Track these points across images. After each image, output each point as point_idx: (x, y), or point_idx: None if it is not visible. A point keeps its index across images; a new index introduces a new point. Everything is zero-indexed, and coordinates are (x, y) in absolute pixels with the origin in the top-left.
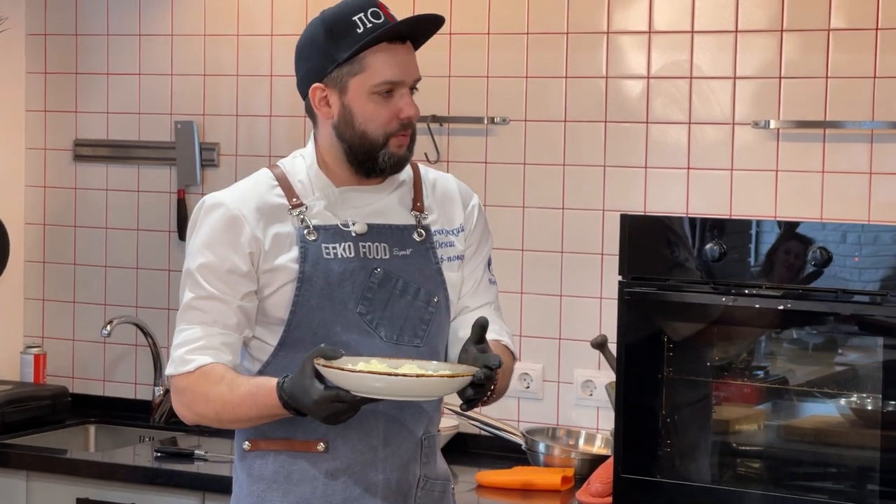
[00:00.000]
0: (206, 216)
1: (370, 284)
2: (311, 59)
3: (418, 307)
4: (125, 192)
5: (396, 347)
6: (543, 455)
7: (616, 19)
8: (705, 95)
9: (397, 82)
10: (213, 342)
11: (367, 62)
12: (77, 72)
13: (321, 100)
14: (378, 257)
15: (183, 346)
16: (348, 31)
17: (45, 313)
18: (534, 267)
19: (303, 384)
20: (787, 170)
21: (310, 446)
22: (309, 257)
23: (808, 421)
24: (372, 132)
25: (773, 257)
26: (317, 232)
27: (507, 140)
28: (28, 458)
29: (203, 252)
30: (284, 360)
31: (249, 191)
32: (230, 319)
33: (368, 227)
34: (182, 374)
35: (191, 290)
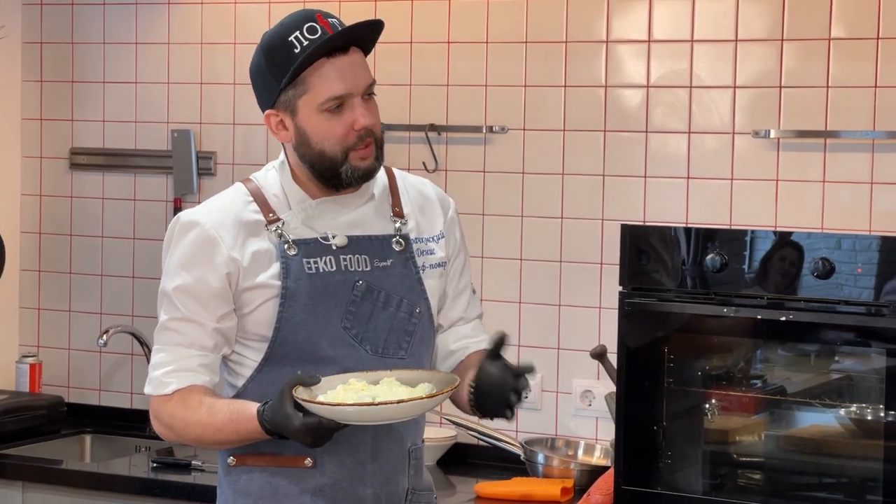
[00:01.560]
0: (181, 235)
1: (353, 298)
2: (260, 87)
3: (401, 319)
4: (121, 201)
5: (381, 360)
6: (542, 466)
7: (615, 28)
8: (705, 104)
9: (344, 95)
10: (190, 364)
11: (309, 81)
12: (73, 80)
13: (277, 124)
14: (359, 269)
15: (160, 368)
16: (285, 53)
17: (41, 322)
18: (532, 276)
19: (284, 412)
20: (787, 179)
21: (297, 461)
22: (291, 273)
23: (808, 431)
24: (329, 149)
25: (774, 267)
26: (297, 246)
27: (506, 149)
28: (24, 469)
29: (179, 273)
30: (270, 375)
31: (225, 208)
32: (207, 342)
33: (349, 240)
34: (160, 396)
35: (166, 312)
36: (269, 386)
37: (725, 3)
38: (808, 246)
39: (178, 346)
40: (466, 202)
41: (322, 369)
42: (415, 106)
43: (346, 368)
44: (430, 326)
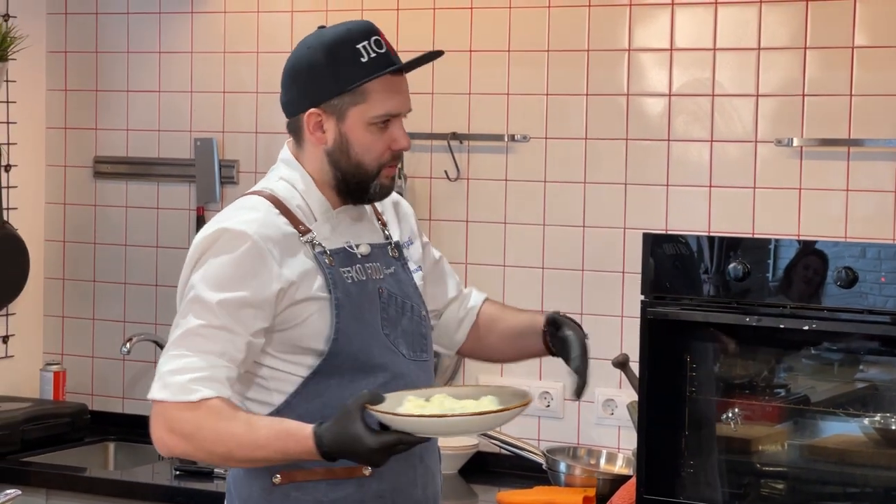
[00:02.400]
0: (229, 245)
1: (382, 304)
2: (310, 84)
3: (416, 322)
4: (144, 210)
5: (415, 363)
6: (564, 475)
7: (637, 37)
8: (727, 113)
9: (394, 114)
10: (219, 374)
11: (369, 93)
12: (97, 89)
13: (315, 125)
14: (379, 277)
15: (184, 373)
16: (353, 59)
17: (65, 330)
18: (554, 285)
19: (353, 433)
20: (810, 188)
21: (355, 471)
22: (337, 283)
23: (832, 441)
24: (368, 163)
25: (797, 276)
26: (332, 256)
27: (528, 157)
28: (48, 476)
29: (224, 282)
30: (317, 388)
31: (267, 221)
32: (238, 354)
33: (370, 248)
34: (182, 402)
35: (199, 317)
36: (314, 400)
37: (748, 12)
38: (831, 255)
39: (208, 353)
40: (488, 211)
41: (372, 378)
42: (437, 114)
43: (395, 374)
44: (430, 328)
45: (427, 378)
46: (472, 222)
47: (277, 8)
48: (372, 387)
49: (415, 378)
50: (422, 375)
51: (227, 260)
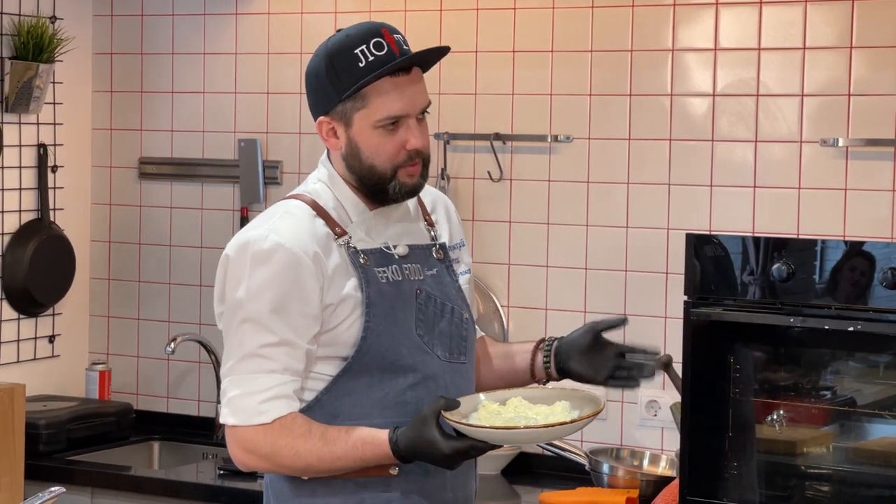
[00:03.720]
0: (262, 261)
1: (419, 305)
2: (318, 92)
3: (456, 325)
4: (189, 210)
5: (451, 365)
6: (607, 476)
7: (681, 37)
8: (772, 113)
9: (401, 116)
10: (286, 390)
11: (369, 97)
12: (142, 90)
13: (329, 132)
14: (417, 278)
15: (254, 395)
16: (350, 65)
17: (111, 330)
18: (597, 286)
19: (429, 439)
20: (855, 188)
21: (382, 471)
22: (370, 282)
23: (878, 443)
24: (380, 165)
25: (841, 277)
26: (367, 257)
27: (571, 158)
28: (93, 475)
29: (269, 296)
30: (346, 386)
31: (299, 227)
32: (299, 365)
33: (409, 249)
34: (256, 425)
35: (256, 338)
36: (343, 399)
37: (793, 11)
38: (879, 256)
39: (271, 373)
40: (531, 211)
41: (401, 378)
42: (480, 115)
43: (425, 375)
44: (474, 331)
45: (463, 381)
46: (514, 223)
47: (321, 9)
48: (401, 387)
49: (449, 381)
50: (458, 378)
51: (266, 274)
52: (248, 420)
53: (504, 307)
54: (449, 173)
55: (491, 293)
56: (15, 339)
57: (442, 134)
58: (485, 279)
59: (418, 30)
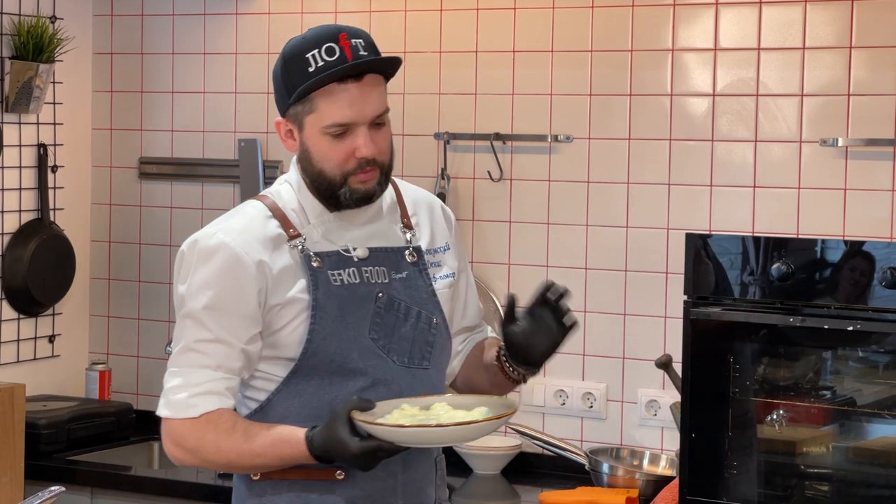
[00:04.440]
0: (205, 258)
1: (377, 309)
2: (276, 94)
3: (422, 330)
4: (189, 210)
5: (408, 371)
6: (607, 475)
7: (681, 37)
8: (772, 113)
9: (348, 123)
10: (218, 387)
11: (316, 103)
12: (142, 90)
13: (286, 133)
14: (379, 281)
15: (183, 390)
16: (300, 68)
17: (110, 330)
18: (598, 285)
19: (339, 438)
20: (855, 188)
21: (328, 474)
22: (319, 285)
23: (878, 443)
24: (329, 171)
25: (841, 277)
26: (320, 259)
27: (571, 158)
28: (93, 475)
29: (207, 294)
30: (296, 388)
31: (247, 227)
32: (234, 364)
33: (369, 252)
34: (185, 419)
35: (193, 333)
36: (293, 399)
37: (793, 12)
38: (878, 256)
39: (204, 368)
40: (531, 211)
41: (351, 381)
42: (480, 115)
43: (376, 379)
44: (448, 337)
45: (423, 387)
46: (515, 223)
47: (321, 9)
48: (351, 390)
49: (405, 386)
50: (416, 384)
51: (205, 271)
52: (177, 413)
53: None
54: (449, 173)
55: (491, 293)
56: (15, 339)
57: (442, 134)
58: (485, 279)
59: (418, 29)
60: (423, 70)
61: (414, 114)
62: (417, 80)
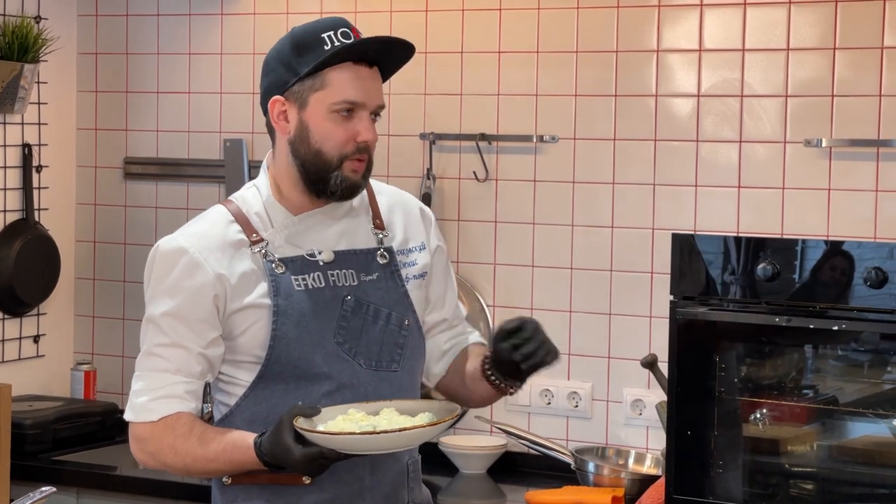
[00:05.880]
0: (165, 262)
1: (343, 313)
2: (275, 72)
3: (392, 331)
4: (174, 210)
5: (376, 374)
6: (593, 475)
7: (666, 37)
8: (756, 113)
9: (358, 103)
10: (177, 391)
11: (329, 79)
12: (127, 90)
13: (280, 114)
14: (347, 284)
15: (144, 394)
16: (315, 46)
17: (95, 330)
18: (583, 285)
19: (283, 444)
20: (839, 188)
21: (295, 479)
22: (281, 290)
23: (861, 442)
24: (327, 151)
25: (826, 277)
26: (283, 265)
27: (556, 158)
28: (79, 475)
29: (165, 299)
30: (263, 393)
31: (207, 232)
32: (194, 367)
33: (335, 255)
34: (145, 423)
35: (153, 337)
36: (261, 404)
37: (777, 13)
38: (860, 255)
39: (164, 372)
40: (517, 211)
41: (317, 386)
42: (465, 115)
43: (342, 383)
44: (420, 338)
45: (392, 389)
46: (500, 223)
47: (307, 9)
48: (317, 394)
49: (372, 389)
50: (384, 387)
51: (163, 275)
52: (138, 416)
53: (490, 307)
54: (434, 173)
55: (476, 293)
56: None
57: (428, 134)
58: (470, 279)
59: (404, 30)
60: (409, 70)
61: (399, 114)
62: (403, 80)
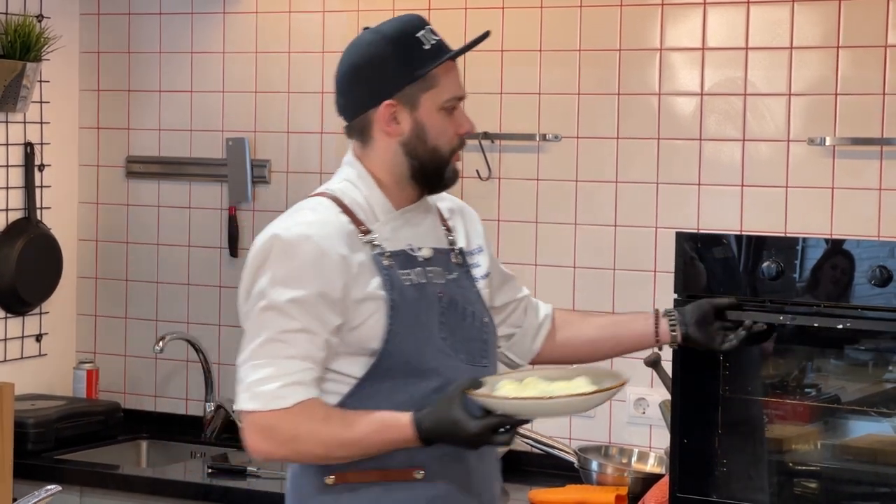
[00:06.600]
0: (287, 249)
1: (442, 308)
2: (380, 77)
3: (478, 329)
4: (177, 209)
5: (474, 369)
6: (596, 473)
7: (669, 36)
8: (759, 112)
9: (461, 98)
10: (306, 377)
11: (437, 79)
12: (130, 89)
13: (390, 117)
14: (439, 282)
15: (274, 381)
16: (416, 47)
17: (98, 329)
18: (586, 284)
19: (453, 419)
20: (842, 187)
21: (407, 474)
22: (394, 285)
23: (865, 440)
24: (442, 147)
25: (829, 275)
26: (391, 258)
27: (559, 157)
28: (81, 474)
29: (290, 285)
30: (370, 391)
31: (327, 221)
32: (318, 354)
33: (433, 252)
34: (275, 410)
35: (278, 324)
36: (367, 402)
37: (780, 11)
38: (865, 254)
39: (291, 358)
40: (520, 210)
41: (425, 382)
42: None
43: (447, 379)
44: (495, 335)
45: None
46: (503, 221)
47: (309, 8)
48: (426, 391)
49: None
50: None
51: (290, 264)
52: (267, 405)
53: None
54: None
55: None
56: (2, 339)
57: None
58: None
59: None
60: None
61: None
62: None
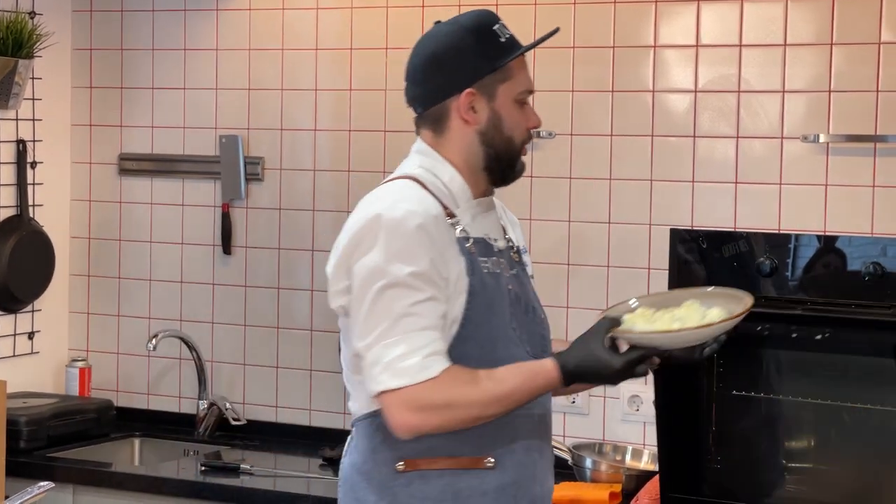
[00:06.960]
0: (395, 227)
1: (511, 300)
2: (461, 66)
3: (538, 323)
4: (170, 206)
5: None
6: (590, 470)
7: (663, 33)
8: (753, 109)
9: (531, 91)
10: (440, 347)
11: (513, 71)
12: (122, 86)
13: (469, 107)
14: (507, 274)
15: (414, 355)
16: (494, 39)
17: (90, 327)
18: (580, 281)
19: (597, 356)
20: (836, 184)
21: (478, 462)
22: (475, 270)
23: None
24: (516, 138)
25: (824, 272)
26: (474, 244)
27: (553, 154)
28: (74, 472)
29: (409, 261)
30: None
31: (424, 200)
32: (441, 322)
33: (507, 244)
34: (424, 381)
35: (405, 298)
36: None
37: (774, 8)
38: (859, 251)
39: (424, 329)
40: (514, 207)
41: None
42: None
43: None
44: (549, 330)
45: None
46: None
47: (302, 5)
48: None
49: None
50: None
51: (403, 240)
52: (415, 378)
53: None
54: None
55: None
56: None
57: None
58: None
59: (400, 28)
60: None
61: (398, 110)
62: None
